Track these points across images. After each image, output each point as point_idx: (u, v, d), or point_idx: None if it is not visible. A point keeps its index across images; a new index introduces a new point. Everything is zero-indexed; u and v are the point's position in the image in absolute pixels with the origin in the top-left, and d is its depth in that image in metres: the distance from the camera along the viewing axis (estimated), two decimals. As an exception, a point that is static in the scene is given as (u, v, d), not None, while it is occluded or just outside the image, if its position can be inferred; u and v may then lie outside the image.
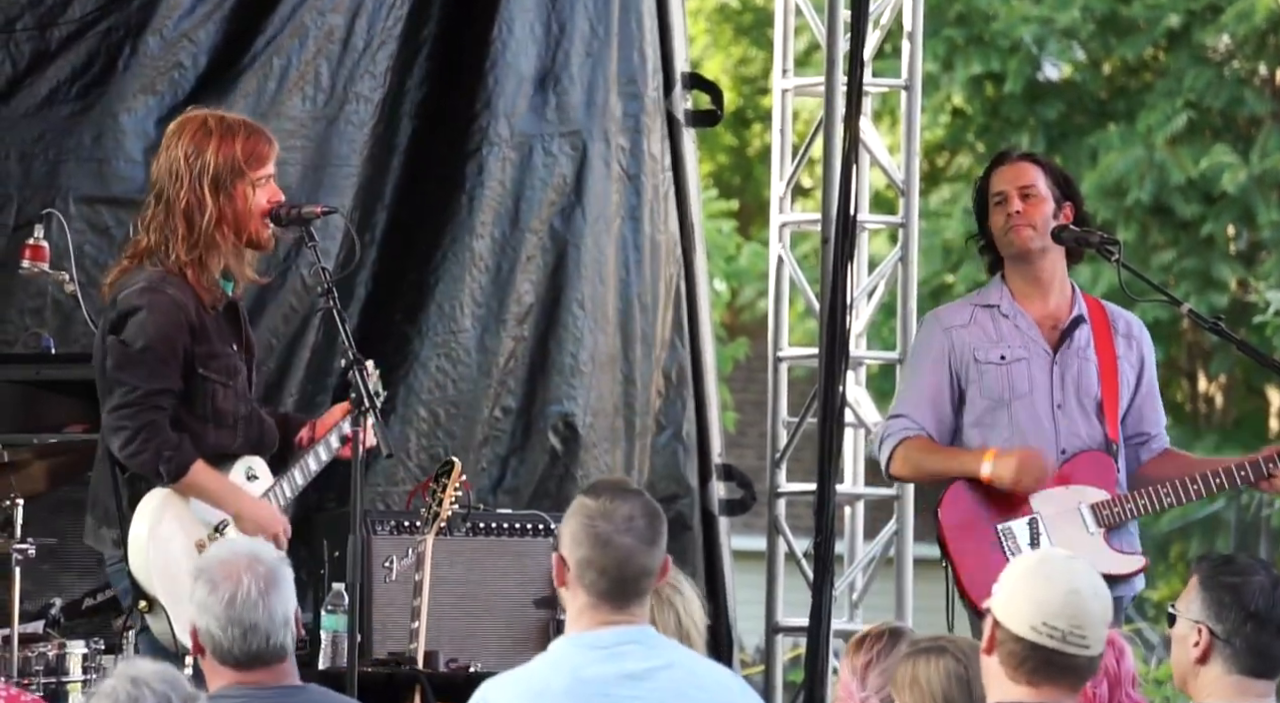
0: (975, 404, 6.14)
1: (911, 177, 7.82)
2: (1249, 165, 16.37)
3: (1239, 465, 6.18)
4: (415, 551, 6.27)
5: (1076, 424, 6.16)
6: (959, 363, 6.15)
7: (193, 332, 5.55)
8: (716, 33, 18.10)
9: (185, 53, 6.84)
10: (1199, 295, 16.23)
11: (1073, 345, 6.19)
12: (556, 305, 7.31)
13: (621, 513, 4.20)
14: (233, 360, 5.62)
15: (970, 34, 16.48)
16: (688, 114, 7.74)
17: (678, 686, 4.21)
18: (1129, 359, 6.27)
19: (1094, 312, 6.26)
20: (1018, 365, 6.14)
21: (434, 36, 7.14)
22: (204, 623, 4.49)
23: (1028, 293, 6.21)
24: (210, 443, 5.58)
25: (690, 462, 7.63)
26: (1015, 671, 4.04)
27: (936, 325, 6.22)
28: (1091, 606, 4.04)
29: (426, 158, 7.18)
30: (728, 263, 16.57)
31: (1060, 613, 4.01)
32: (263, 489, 5.64)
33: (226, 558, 4.53)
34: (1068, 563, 4.11)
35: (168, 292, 5.57)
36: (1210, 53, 17.14)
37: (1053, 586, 4.04)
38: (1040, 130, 17.00)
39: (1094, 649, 4.04)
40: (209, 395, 5.58)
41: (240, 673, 4.48)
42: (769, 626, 7.73)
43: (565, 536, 4.25)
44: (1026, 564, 4.12)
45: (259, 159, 5.61)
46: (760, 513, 7.86)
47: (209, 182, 5.57)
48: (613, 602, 4.19)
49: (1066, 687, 4.04)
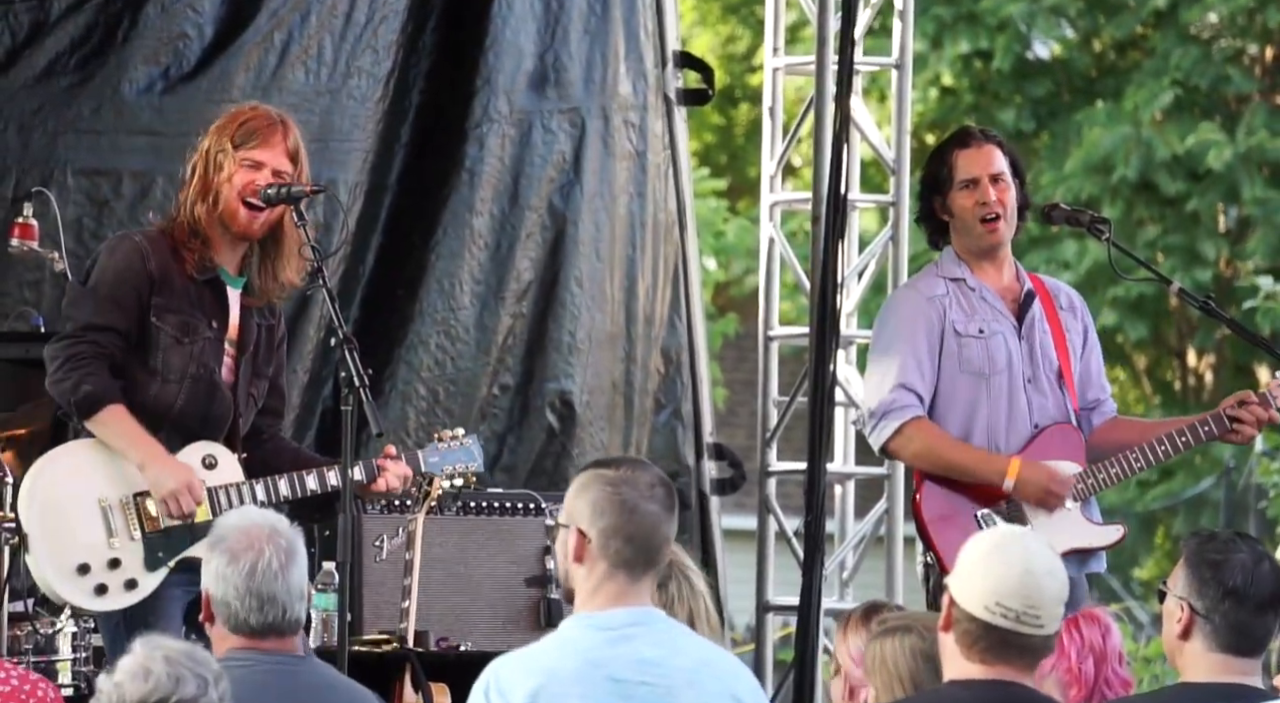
0: (953, 377, 6.09)
1: (902, 155, 7.81)
2: (1235, 143, 16.39)
3: (1201, 421, 6.16)
4: (406, 530, 6.26)
5: (1046, 398, 6.14)
6: (941, 333, 6.09)
7: (151, 280, 5.54)
8: (704, 10, 18.08)
9: (189, 23, 6.81)
10: (1184, 271, 16.25)
11: (1033, 319, 6.18)
12: (555, 283, 7.30)
13: (644, 481, 4.18)
14: (195, 324, 5.58)
15: (959, 12, 16.47)
16: (679, 92, 7.73)
17: (687, 672, 4.20)
18: (1075, 330, 6.26)
19: (1036, 286, 6.25)
20: (995, 339, 6.12)
21: (436, 12, 7.13)
22: (220, 592, 4.47)
23: (984, 268, 6.18)
24: (151, 394, 5.55)
25: (688, 440, 7.63)
26: (969, 649, 4.05)
27: (918, 296, 6.15)
28: (1046, 585, 4.04)
29: (428, 134, 7.16)
30: (716, 238, 16.57)
31: (1014, 593, 4.01)
32: (221, 480, 5.57)
33: (247, 528, 4.51)
34: (1023, 543, 4.11)
35: (134, 238, 5.63)
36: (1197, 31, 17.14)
37: (1008, 566, 4.04)
38: (1028, 108, 17.00)
39: (1048, 629, 4.04)
40: (160, 347, 5.55)
41: (249, 640, 4.48)
42: (759, 604, 7.74)
43: (583, 508, 4.18)
44: (983, 544, 4.12)
45: (248, 135, 5.60)
46: (751, 492, 7.87)
47: (202, 150, 5.62)
48: (631, 572, 4.15)
49: (1021, 666, 4.04)
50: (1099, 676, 4.76)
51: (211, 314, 5.62)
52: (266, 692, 4.43)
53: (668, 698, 4.17)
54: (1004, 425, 6.09)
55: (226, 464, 5.60)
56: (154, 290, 5.55)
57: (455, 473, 5.90)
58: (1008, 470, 6.03)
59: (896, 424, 6.05)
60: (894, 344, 6.11)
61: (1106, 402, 6.31)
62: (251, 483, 5.59)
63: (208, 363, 5.60)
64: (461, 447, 5.87)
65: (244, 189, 5.58)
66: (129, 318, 5.53)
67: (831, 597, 7.55)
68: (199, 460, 5.56)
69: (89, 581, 5.44)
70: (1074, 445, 6.14)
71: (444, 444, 5.85)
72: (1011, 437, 6.10)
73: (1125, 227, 16.16)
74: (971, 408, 6.09)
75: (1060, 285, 6.36)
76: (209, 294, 5.63)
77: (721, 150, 18.82)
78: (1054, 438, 6.13)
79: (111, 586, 5.42)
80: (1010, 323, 6.15)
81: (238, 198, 5.58)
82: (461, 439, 5.86)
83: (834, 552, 7.72)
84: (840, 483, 7.90)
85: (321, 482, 5.61)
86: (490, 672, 4.21)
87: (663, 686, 4.17)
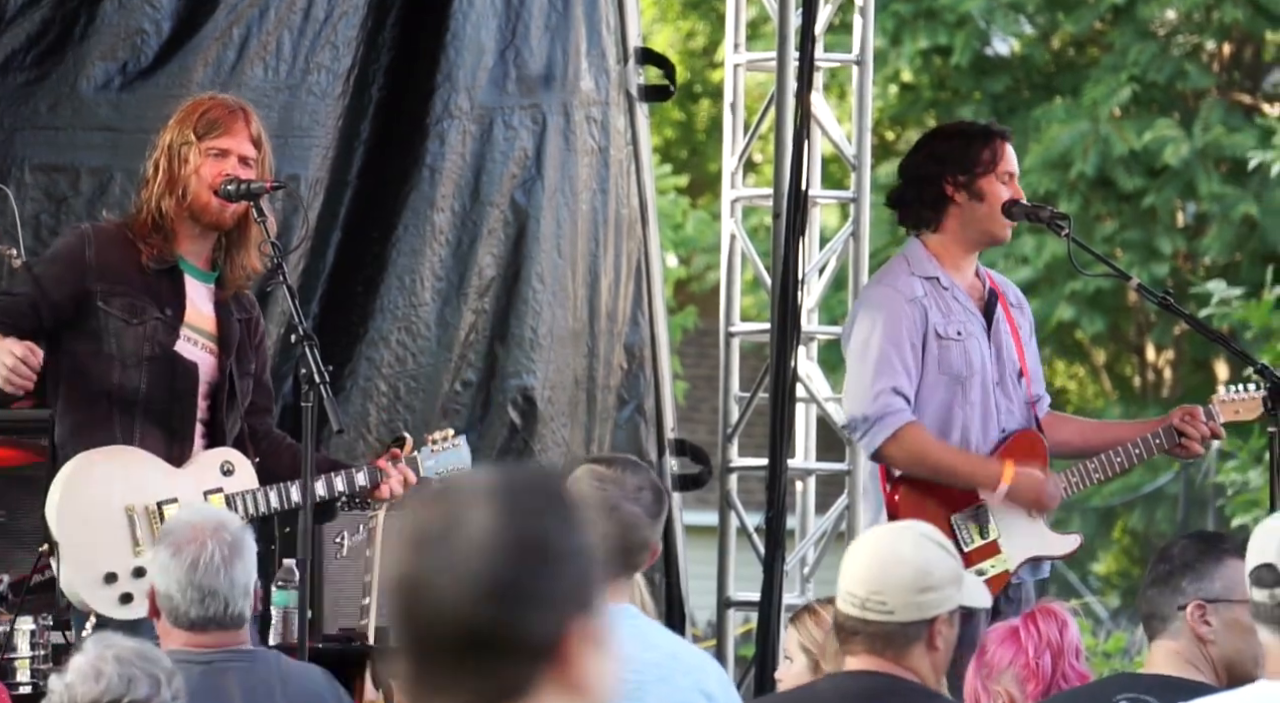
0: (933, 380, 6.04)
1: (863, 152, 7.81)
2: (1191, 139, 16.46)
3: (1153, 434, 6.15)
4: (367, 526, 6.24)
5: (1012, 401, 6.12)
6: (923, 336, 6.03)
7: (89, 266, 5.54)
8: (665, 6, 18.08)
9: (147, 19, 6.78)
10: (1141, 267, 16.32)
11: (998, 320, 6.15)
12: (517, 279, 7.28)
13: (632, 483, 4.21)
14: (143, 306, 5.57)
15: (919, 8, 16.51)
16: (640, 89, 7.73)
17: (657, 667, 4.21)
18: (1024, 329, 6.23)
19: (990, 283, 6.20)
20: (971, 341, 6.08)
21: (396, 8, 7.11)
22: (163, 585, 4.47)
23: (958, 264, 6.10)
24: (114, 382, 5.54)
25: (651, 436, 7.63)
26: (838, 642, 4.09)
27: (898, 297, 6.04)
28: (895, 572, 4.03)
29: (388, 130, 7.15)
30: (675, 231, 16.58)
31: (860, 579, 4.04)
32: (239, 487, 5.56)
33: (193, 522, 4.52)
34: (887, 532, 4.16)
35: (81, 227, 5.66)
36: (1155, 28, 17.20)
37: (855, 556, 4.09)
38: (987, 103, 17.05)
39: (901, 616, 4.03)
40: (111, 332, 5.55)
41: (192, 635, 4.47)
42: (720, 600, 7.74)
43: None
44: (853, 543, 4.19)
45: (211, 125, 5.59)
46: (712, 488, 7.86)
47: (164, 145, 5.62)
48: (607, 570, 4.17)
49: (886, 655, 4.04)
50: (1056, 670, 4.77)
51: (165, 301, 5.61)
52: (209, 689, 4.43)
53: (637, 693, 4.18)
54: (978, 429, 6.07)
55: (243, 470, 5.60)
56: (94, 276, 5.55)
57: (447, 473, 5.91)
58: (1003, 476, 6.00)
59: (891, 430, 5.96)
60: (880, 347, 6.01)
61: (1045, 397, 6.30)
62: (266, 490, 5.59)
63: (162, 341, 5.59)
64: (453, 448, 5.88)
65: (214, 179, 5.57)
66: (54, 293, 5.53)
67: (792, 592, 7.56)
68: (218, 466, 5.57)
69: (115, 589, 5.45)
70: (1039, 451, 6.14)
71: (437, 447, 5.86)
72: (984, 441, 6.08)
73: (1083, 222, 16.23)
74: (948, 411, 6.04)
75: (1007, 282, 6.34)
76: (164, 282, 5.62)
77: (683, 146, 18.83)
78: (1021, 443, 6.12)
79: (137, 594, 5.41)
80: (980, 324, 6.11)
81: (208, 189, 5.57)
82: (452, 440, 5.87)
83: (795, 547, 7.73)
84: (801, 479, 7.91)
85: (329, 488, 5.61)
86: None
87: (632, 680, 4.18)
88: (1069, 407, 17.71)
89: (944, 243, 6.10)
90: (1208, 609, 4.31)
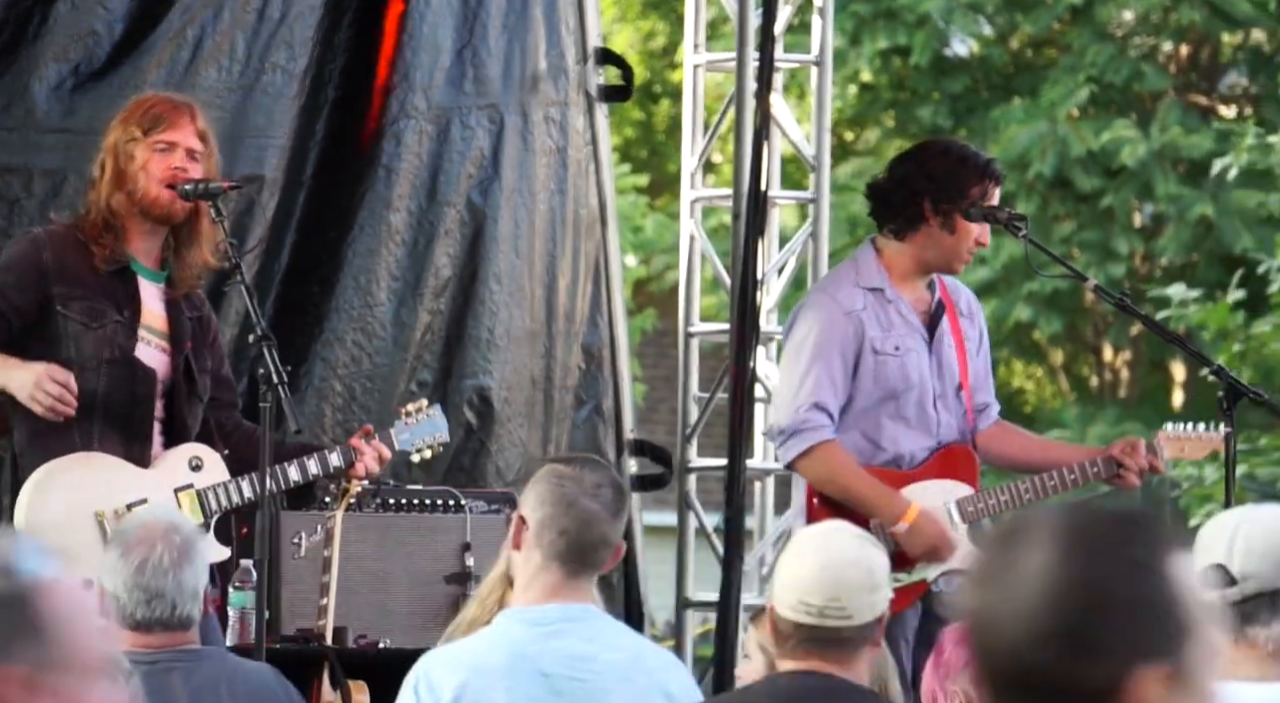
0: (866, 394, 6.04)
1: (822, 152, 7.82)
2: (1149, 140, 16.52)
3: (1091, 462, 6.13)
4: (324, 527, 6.23)
5: (951, 414, 6.12)
6: (857, 351, 6.03)
7: (46, 270, 5.53)
8: (624, 6, 18.09)
9: (99, 20, 6.76)
10: (1098, 267, 16.39)
11: (942, 333, 6.14)
12: (474, 279, 7.27)
13: (591, 479, 4.24)
14: (102, 309, 5.56)
15: (878, 8, 16.54)
16: (600, 89, 7.72)
17: (620, 668, 4.21)
18: (972, 338, 6.23)
19: (941, 292, 6.19)
20: (909, 356, 6.07)
21: (352, 8, 7.09)
22: (110, 585, 4.47)
23: (906, 278, 6.09)
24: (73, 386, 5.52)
25: (609, 437, 7.62)
26: (782, 648, 4.07)
27: (836, 309, 6.05)
28: (848, 576, 4.04)
29: (344, 131, 7.13)
30: (635, 233, 16.59)
31: (815, 589, 4.02)
32: (209, 481, 5.58)
33: (145, 523, 4.52)
34: (826, 536, 4.12)
35: (33, 232, 5.66)
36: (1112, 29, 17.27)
37: (804, 562, 4.06)
38: (946, 104, 17.10)
39: (858, 619, 4.04)
40: (70, 336, 5.54)
41: (137, 636, 4.46)
42: (679, 601, 7.74)
43: (530, 496, 4.26)
44: (791, 545, 4.15)
45: (155, 120, 5.60)
46: (671, 488, 7.86)
47: (109, 145, 5.62)
48: (565, 567, 4.19)
49: (834, 658, 4.04)
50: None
51: (121, 303, 5.61)
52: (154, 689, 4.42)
53: (599, 694, 4.18)
54: (910, 443, 6.08)
55: (212, 464, 5.60)
56: (52, 280, 5.54)
57: (425, 446, 5.92)
58: (905, 516, 5.99)
59: (806, 445, 6.00)
60: (809, 358, 6.03)
61: (992, 405, 6.29)
62: (238, 480, 5.59)
63: (121, 345, 5.58)
64: (428, 419, 5.88)
65: (163, 173, 5.57)
66: (18, 300, 5.52)
67: (751, 593, 7.56)
68: (186, 463, 5.56)
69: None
70: (969, 468, 6.15)
71: (411, 419, 5.87)
72: (916, 453, 6.09)
73: (1041, 223, 16.28)
74: (879, 424, 6.06)
75: (960, 288, 6.32)
76: (117, 283, 5.61)
77: (642, 146, 18.83)
78: (952, 458, 6.13)
79: None
80: (922, 337, 6.11)
81: (158, 183, 5.58)
82: (427, 411, 5.87)
83: (753, 548, 7.73)
84: (760, 479, 7.92)
85: (303, 472, 5.63)
86: (420, 667, 4.22)
87: (594, 682, 4.18)
88: (1026, 408, 17.76)
89: (901, 255, 6.09)
90: None
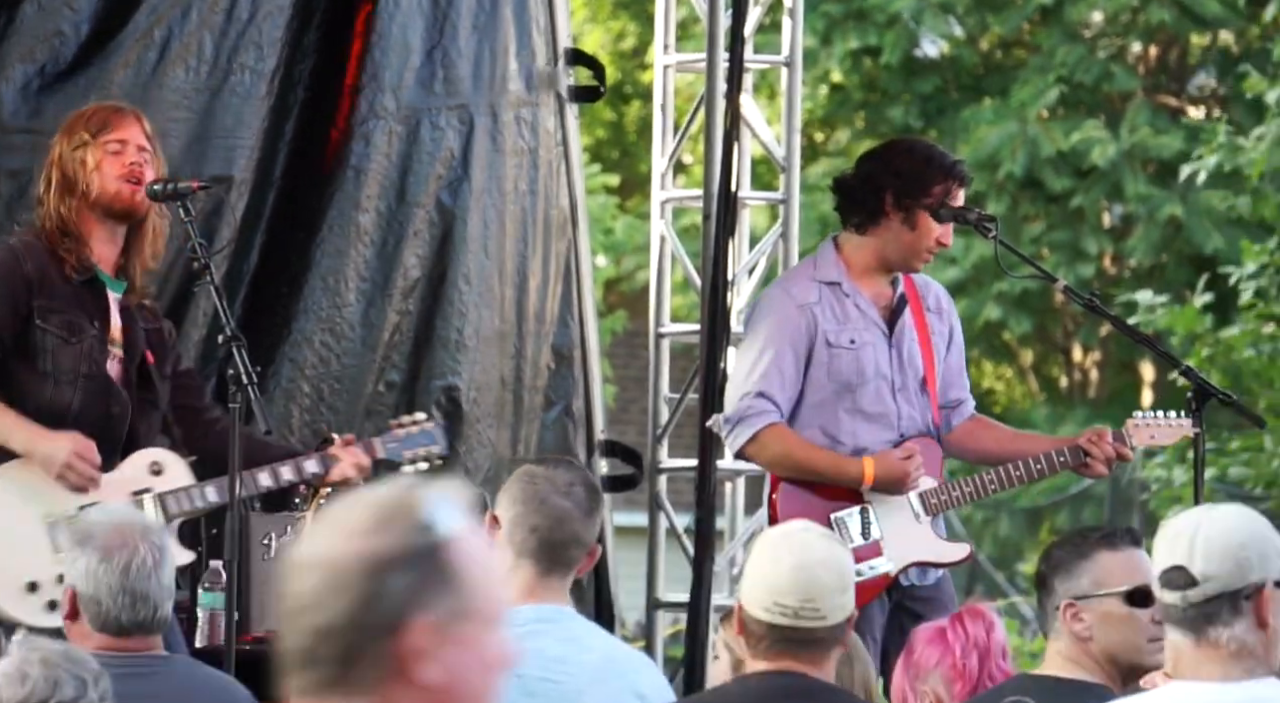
0: (820, 387, 6.05)
1: (792, 153, 7.82)
2: (1118, 140, 16.58)
3: (1058, 451, 6.17)
4: (295, 527, 6.22)
5: (913, 408, 6.13)
6: (810, 343, 6.04)
7: (30, 282, 5.51)
8: (595, 7, 18.09)
9: (65, 21, 6.73)
10: (1068, 267, 16.43)
11: (903, 326, 6.15)
12: (443, 280, 7.26)
13: (563, 479, 4.26)
14: (79, 323, 5.55)
15: (849, 9, 16.56)
16: (570, 89, 7.71)
17: (592, 669, 4.22)
18: (940, 333, 6.24)
19: (907, 286, 6.21)
20: (865, 350, 6.08)
21: (321, 8, 7.08)
22: (91, 589, 4.43)
23: (866, 272, 6.11)
24: (46, 398, 5.51)
25: (579, 438, 7.62)
26: (755, 648, 4.07)
27: (789, 302, 6.06)
28: (821, 577, 4.05)
29: (313, 131, 7.11)
30: (605, 235, 16.59)
31: (789, 590, 4.03)
32: (170, 485, 5.54)
33: (119, 525, 4.49)
34: (796, 537, 4.12)
35: (10, 242, 5.63)
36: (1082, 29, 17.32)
37: (778, 564, 4.05)
38: (916, 105, 17.13)
39: (831, 619, 4.05)
40: (48, 350, 5.52)
41: (115, 639, 4.45)
42: (650, 601, 7.74)
43: (502, 496, 4.31)
44: (760, 546, 4.14)
45: (103, 124, 5.60)
46: (641, 489, 7.86)
47: (55, 158, 5.62)
48: (537, 565, 4.20)
49: (808, 658, 4.06)
50: (983, 671, 4.79)
51: (93, 314, 5.60)
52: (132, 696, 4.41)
53: (571, 695, 4.19)
54: (869, 435, 6.09)
55: (173, 468, 5.56)
56: (34, 293, 5.53)
57: (418, 457, 5.87)
58: (863, 473, 6.01)
59: (752, 431, 6.01)
60: (758, 351, 6.05)
61: (967, 401, 6.31)
62: (203, 485, 5.56)
63: (98, 361, 5.57)
64: (421, 431, 5.85)
65: (120, 170, 5.56)
66: (5, 322, 5.49)
67: (721, 593, 7.56)
68: (146, 468, 5.53)
69: (39, 597, 5.42)
70: (933, 459, 6.15)
71: (403, 430, 5.83)
72: (876, 447, 6.08)
73: (1011, 223, 16.32)
74: (837, 418, 6.07)
75: (930, 283, 6.33)
76: (88, 294, 5.61)
77: (613, 146, 18.85)
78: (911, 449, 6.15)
79: (63, 601, 5.38)
80: (881, 331, 6.12)
81: (116, 179, 5.56)
82: (422, 424, 5.84)
83: (724, 549, 7.74)
84: (730, 480, 7.92)
85: (275, 478, 5.58)
86: None
87: (566, 683, 4.18)
88: (996, 408, 17.80)
89: (861, 250, 6.10)
90: (1079, 607, 4.33)
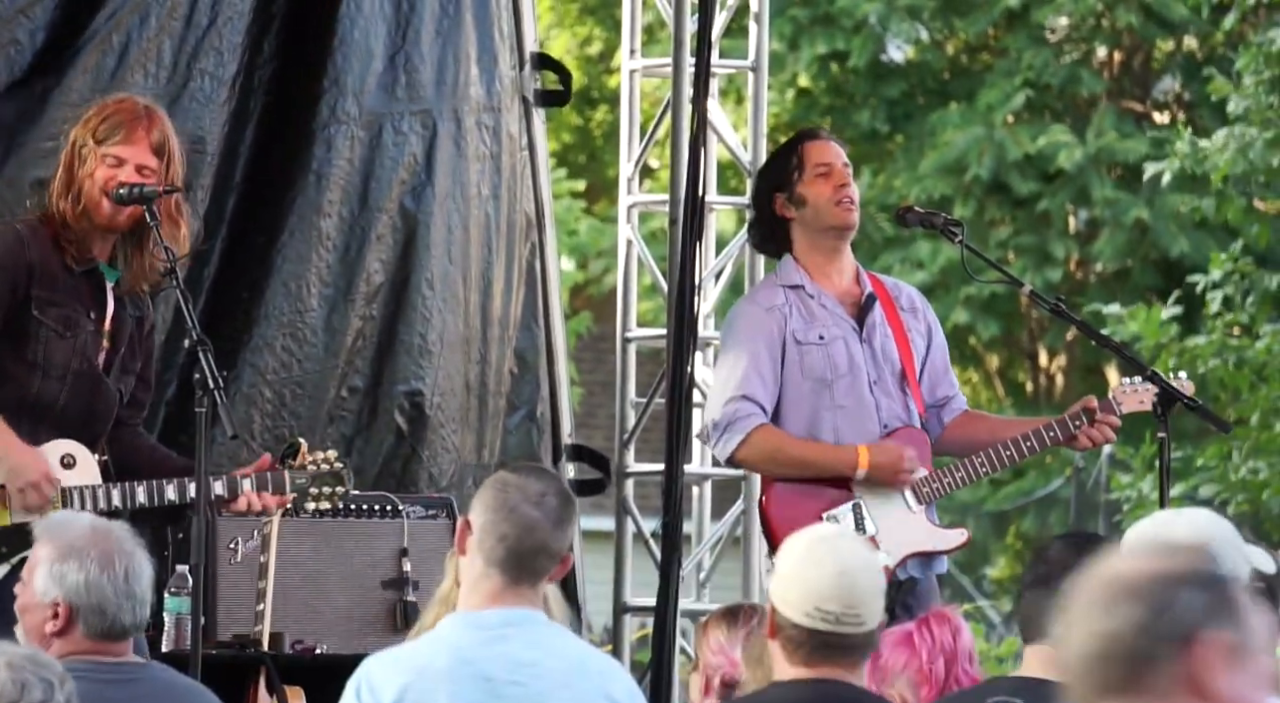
0: (796, 385, 6.10)
1: (759, 158, 7.83)
2: (1085, 144, 16.63)
3: (1047, 426, 6.22)
4: (261, 532, 6.21)
5: (893, 400, 6.18)
6: (782, 343, 6.11)
7: (31, 269, 5.48)
8: (562, 11, 18.08)
9: (22, 30, 6.70)
10: (1035, 271, 16.48)
11: (874, 322, 6.21)
12: (406, 285, 7.25)
13: (535, 488, 4.26)
14: (76, 317, 5.53)
15: (815, 14, 16.59)
16: (537, 94, 7.71)
17: (562, 674, 4.22)
18: (917, 330, 6.29)
19: (876, 288, 6.27)
20: (836, 344, 6.14)
21: (281, 14, 7.07)
22: (95, 600, 4.42)
23: (825, 272, 6.19)
24: (34, 391, 5.48)
25: (544, 442, 7.61)
26: (793, 654, 4.05)
27: (757, 307, 6.17)
28: (863, 583, 4.05)
29: (274, 136, 7.10)
30: (570, 237, 16.59)
31: (833, 596, 4.01)
32: (78, 481, 5.47)
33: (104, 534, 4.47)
34: (836, 542, 4.12)
35: (15, 227, 5.60)
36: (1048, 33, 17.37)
37: (822, 569, 4.04)
38: (883, 109, 17.16)
39: (869, 624, 4.06)
40: (41, 341, 5.49)
41: (97, 644, 4.44)
42: (617, 606, 7.74)
43: (477, 502, 4.30)
44: (797, 549, 4.12)
45: (111, 131, 5.58)
46: (608, 493, 7.86)
47: (71, 141, 5.61)
48: (506, 574, 4.21)
49: (845, 664, 4.05)
50: (950, 675, 4.80)
51: (90, 306, 5.58)
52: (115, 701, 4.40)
53: (541, 699, 4.19)
54: (852, 430, 6.13)
55: (85, 465, 5.51)
56: (34, 281, 5.50)
57: (322, 496, 5.83)
58: (859, 460, 6.06)
59: (742, 434, 6.06)
60: (735, 357, 6.12)
61: (956, 398, 6.36)
62: (109, 487, 5.51)
63: (90, 357, 5.55)
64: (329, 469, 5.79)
65: (105, 185, 5.56)
66: (4, 296, 5.46)
67: (688, 598, 7.57)
68: (58, 459, 5.48)
69: None
70: (922, 448, 6.19)
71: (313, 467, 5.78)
72: (860, 439, 6.13)
73: (977, 227, 16.36)
74: (816, 414, 6.11)
75: (901, 285, 6.40)
76: (87, 286, 5.59)
77: (579, 151, 18.84)
78: (901, 440, 6.16)
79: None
80: (850, 326, 6.17)
81: (100, 192, 5.56)
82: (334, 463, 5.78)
83: (691, 553, 7.74)
84: (697, 484, 7.92)
85: (181, 493, 5.52)
86: (362, 670, 4.22)
87: (536, 686, 4.19)
88: (964, 411, 17.83)
89: (806, 254, 6.21)
90: None
